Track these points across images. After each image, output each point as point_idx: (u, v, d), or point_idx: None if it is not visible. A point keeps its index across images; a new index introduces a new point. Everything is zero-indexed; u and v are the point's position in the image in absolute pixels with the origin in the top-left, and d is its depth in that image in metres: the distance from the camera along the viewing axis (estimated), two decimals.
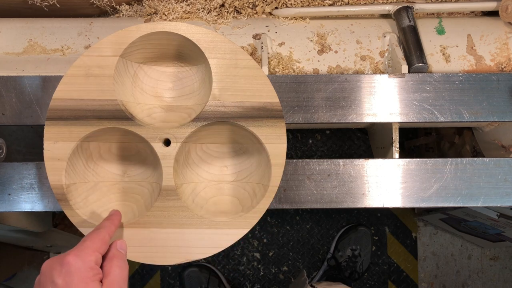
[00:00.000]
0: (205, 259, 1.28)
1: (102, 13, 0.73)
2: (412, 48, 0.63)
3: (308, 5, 0.70)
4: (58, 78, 0.53)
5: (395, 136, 0.62)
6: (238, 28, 0.68)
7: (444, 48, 0.66)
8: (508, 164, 0.60)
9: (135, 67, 0.56)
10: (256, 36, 0.67)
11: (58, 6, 0.68)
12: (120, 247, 0.48)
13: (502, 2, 0.65)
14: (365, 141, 1.30)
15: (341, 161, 0.60)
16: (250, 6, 0.70)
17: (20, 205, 0.60)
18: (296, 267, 1.29)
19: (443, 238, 1.33)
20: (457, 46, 0.66)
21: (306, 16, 0.69)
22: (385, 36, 0.67)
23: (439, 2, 0.70)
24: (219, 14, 0.70)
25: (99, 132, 0.53)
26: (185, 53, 0.56)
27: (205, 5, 0.69)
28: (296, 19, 0.69)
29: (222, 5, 0.70)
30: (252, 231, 1.23)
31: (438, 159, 0.60)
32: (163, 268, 1.28)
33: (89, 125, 0.52)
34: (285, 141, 0.53)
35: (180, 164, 0.55)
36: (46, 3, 0.67)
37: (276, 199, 0.59)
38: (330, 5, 0.69)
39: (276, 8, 0.70)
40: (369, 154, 1.30)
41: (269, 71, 0.63)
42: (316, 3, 0.70)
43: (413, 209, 1.32)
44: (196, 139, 0.56)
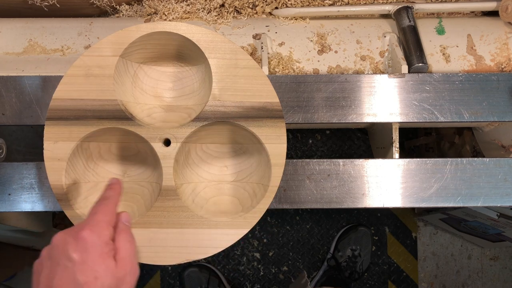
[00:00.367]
0: (205, 259, 1.28)
1: (102, 13, 0.73)
2: (412, 48, 0.63)
3: (308, 5, 0.70)
4: (58, 78, 0.53)
5: (395, 136, 0.62)
6: (238, 28, 0.68)
7: (444, 48, 0.66)
8: (508, 164, 0.60)
9: (135, 67, 0.56)
10: (256, 36, 0.67)
11: (58, 6, 0.68)
12: (125, 220, 0.47)
13: (502, 2, 0.65)
14: (365, 141, 1.30)
15: (341, 161, 0.60)
16: (250, 6, 0.70)
17: (20, 205, 0.59)
18: (296, 267, 1.29)
19: (443, 238, 1.33)
20: (457, 46, 0.66)
21: (306, 16, 0.69)
22: (385, 36, 0.67)
23: (439, 2, 0.70)
24: (219, 14, 0.70)
25: (99, 132, 0.53)
26: (185, 53, 0.56)
27: (205, 5, 0.69)
28: (296, 19, 0.69)
29: (222, 5, 0.70)
30: (252, 231, 1.23)
31: (438, 159, 0.60)
32: (163, 268, 1.28)
33: (89, 125, 0.52)
34: (285, 141, 0.53)
35: (180, 164, 0.55)
36: (46, 3, 0.67)
37: (276, 199, 0.59)
38: (330, 5, 0.69)
39: (276, 8, 0.70)
40: (369, 154, 1.30)
41: (269, 71, 0.63)
42: (316, 3, 0.70)
43: (413, 209, 1.32)
44: (196, 139, 0.56)
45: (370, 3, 0.69)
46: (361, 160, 0.60)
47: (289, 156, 1.30)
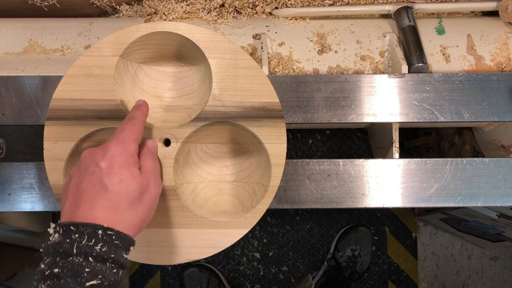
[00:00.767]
0: (205, 259, 1.28)
1: (102, 13, 0.73)
2: (412, 48, 0.63)
3: (308, 5, 0.70)
4: (58, 78, 0.53)
5: (395, 136, 0.62)
6: (238, 28, 0.68)
7: (444, 48, 0.66)
8: (508, 164, 0.60)
9: (135, 67, 0.56)
10: (256, 36, 0.67)
11: (58, 6, 0.68)
12: (151, 146, 0.49)
13: (502, 2, 0.65)
14: (365, 141, 1.30)
15: (341, 161, 0.60)
16: (250, 6, 0.70)
17: (20, 205, 0.60)
18: (296, 267, 1.29)
19: (443, 238, 1.33)
20: (457, 46, 0.66)
21: (306, 16, 0.69)
22: (385, 36, 0.67)
23: (439, 2, 0.70)
24: (219, 14, 0.70)
25: (99, 132, 0.53)
26: (185, 53, 0.56)
27: (205, 5, 0.69)
28: (296, 19, 0.69)
29: (222, 5, 0.70)
30: (252, 231, 1.23)
31: (438, 159, 0.60)
32: (163, 268, 1.28)
33: (89, 125, 0.52)
34: (285, 141, 0.53)
35: (180, 164, 0.55)
36: (46, 3, 0.67)
37: (276, 199, 0.59)
38: (330, 5, 0.69)
39: (276, 8, 0.70)
40: (369, 154, 1.30)
41: (269, 71, 0.63)
42: (316, 3, 0.70)
43: (413, 209, 1.32)
44: (196, 139, 0.56)
45: (370, 3, 0.69)
46: (361, 160, 0.60)
47: (289, 156, 1.30)
